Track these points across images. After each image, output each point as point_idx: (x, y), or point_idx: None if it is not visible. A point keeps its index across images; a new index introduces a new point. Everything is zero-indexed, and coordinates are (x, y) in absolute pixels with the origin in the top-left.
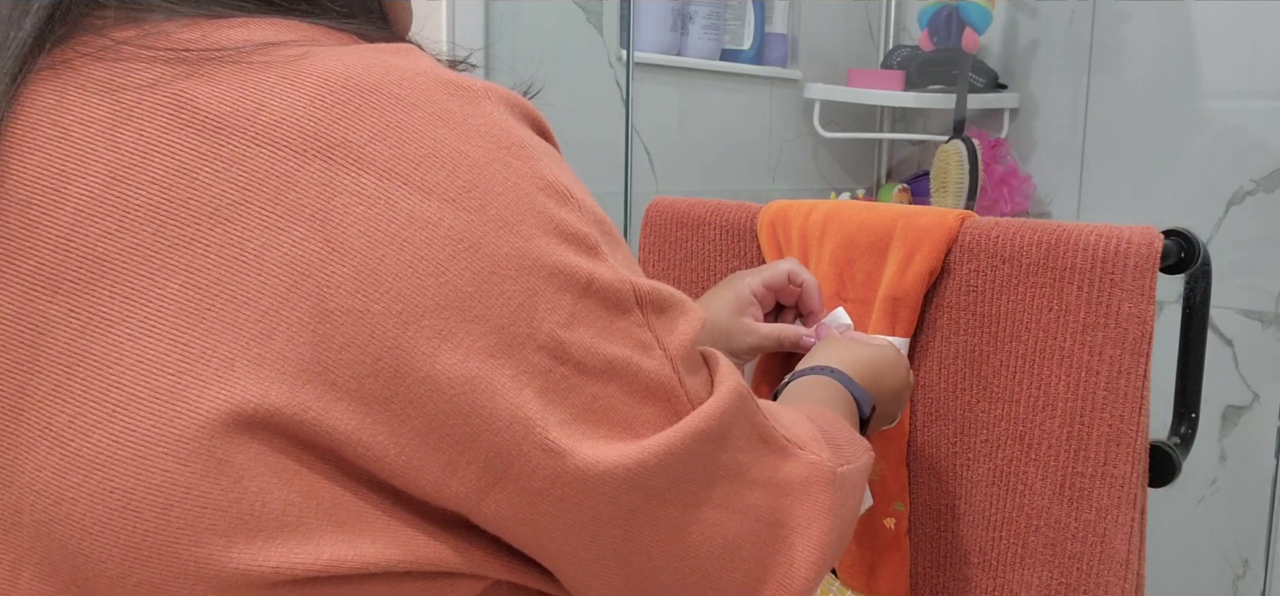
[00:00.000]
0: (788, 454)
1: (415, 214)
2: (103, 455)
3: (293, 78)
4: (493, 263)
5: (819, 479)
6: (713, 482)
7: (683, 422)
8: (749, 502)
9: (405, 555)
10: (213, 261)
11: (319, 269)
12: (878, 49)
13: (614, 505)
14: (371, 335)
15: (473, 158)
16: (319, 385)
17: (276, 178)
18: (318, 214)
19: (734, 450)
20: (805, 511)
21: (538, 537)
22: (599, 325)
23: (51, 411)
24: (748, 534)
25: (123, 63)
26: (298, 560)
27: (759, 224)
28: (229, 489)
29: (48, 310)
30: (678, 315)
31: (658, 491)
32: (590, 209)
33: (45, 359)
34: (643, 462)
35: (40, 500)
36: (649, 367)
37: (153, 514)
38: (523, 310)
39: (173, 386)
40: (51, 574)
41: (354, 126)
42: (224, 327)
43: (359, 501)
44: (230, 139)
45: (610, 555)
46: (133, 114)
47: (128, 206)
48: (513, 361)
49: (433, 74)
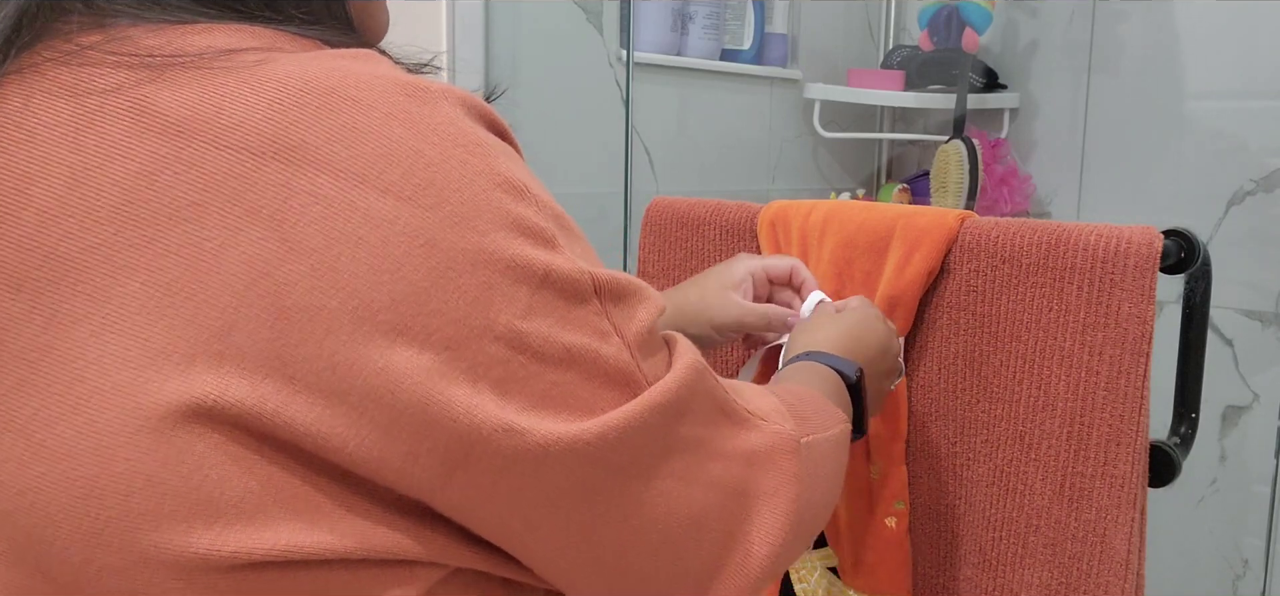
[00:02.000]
0: (749, 425)
1: (371, 212)
2: (66, 446)
3: (252, 82)
4: (449, 258)
5: (783, 447)
6: (673, 455)
7: (640, 397)
8: (712, 474)
9: (363, 543)
10: (173, 261)
11: (276, 267)
12: (878, 49)
13: (576, 480)
14: (328, 331)
15: (428, 156)
16: (278, 379)
17: (235, 179)
18: (275, 214)
19: (693, 423)
20: (769, 480)
21: (501, 519)
22: (556, 315)
23: (15, 405)
24: (712, 505)
25: (87, 68)
26: (255, 545)
27: (759, 224)
28: (189, 477)
29: (10, 308)
30: (635, 302)
31: (618, 465)
32: (546, 203)
33: (8, 355)
34: (603, 435)
35: (5, 491)
36: (607, 354)
37: (115, 501)
38: (479, 303)
39: (134, 380)
40: (17, 562)
41: (311, 128)
42: (185, 324)
43: (317, 492)
44: (191, 142)
45: (575, 532)
46: (95, 118)
47: (89, 207)
48: (470, 353)
49: (389, 77)
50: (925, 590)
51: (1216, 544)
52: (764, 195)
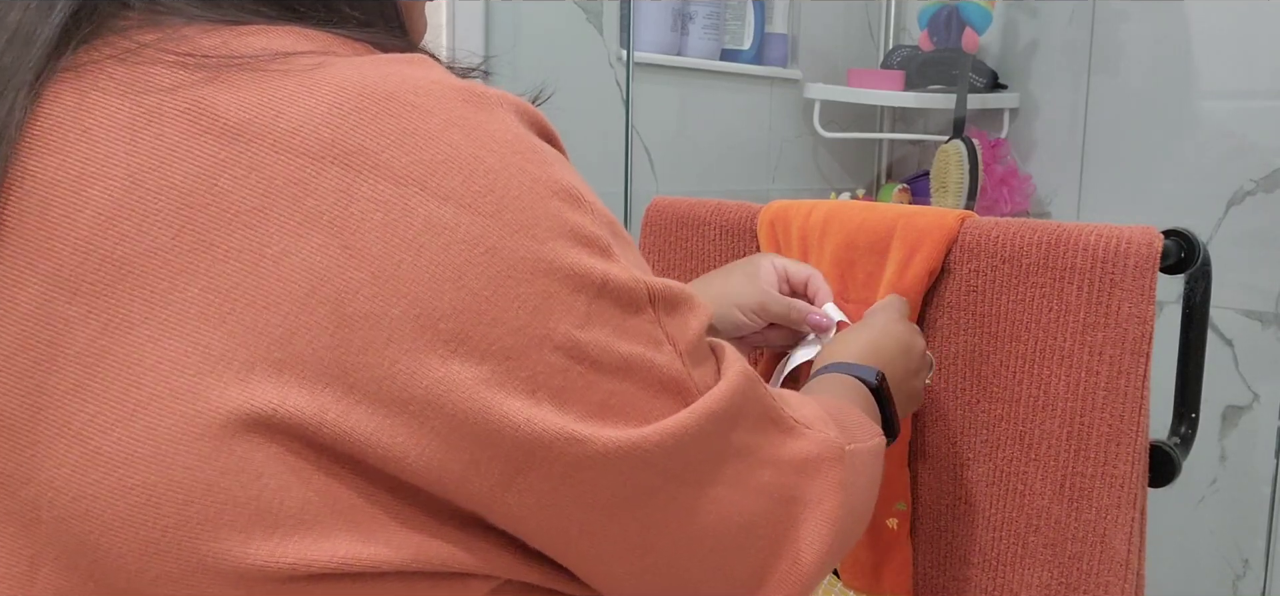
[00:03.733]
0: (796, 433)
1: (432, 219)
2: (123, 452)
3: (310, 86)
4: (509, 266)
5: (828, 455)
6: (725, 462)
7: (696, 404)
8: (762, 481)
9: (417, 556)
10: (233, 266)
11: (337, 274)
12: (878, 49)
13: (634, 486)
14: (389, 339)
15: (488, 163)
16: (338, 389)
17: (295, 184)
18: (336, 219)
19: (744, 430)
20: (816, 487)
21: (558, 527)
22: (613, 324)
23: (72, 410)
24: (761, 511)
25: (144, 66)
26: (313, 557)
27: (759, 224)
28: (248, 485)
29: (66, 311)
30: (687, 311)
31: (673, 472)
32: (601, 211)
33: (64, 358)
34: (661, 442)
35: (60, 497)
36: (661, 363)
37: (172, 509)
38: (539, 312)
39: (193, 387)
40: (70, 569)
41: (371, 133)
42: (244, 331)
43: (373, 504)
44: (249, 145)
45: (631, 539)
46: (153, 118)
47: (148, 210)
48: (530, 363)
49: (447, 82)
50: (925, 589)
51: (1216, 544)
52: (764, 195)
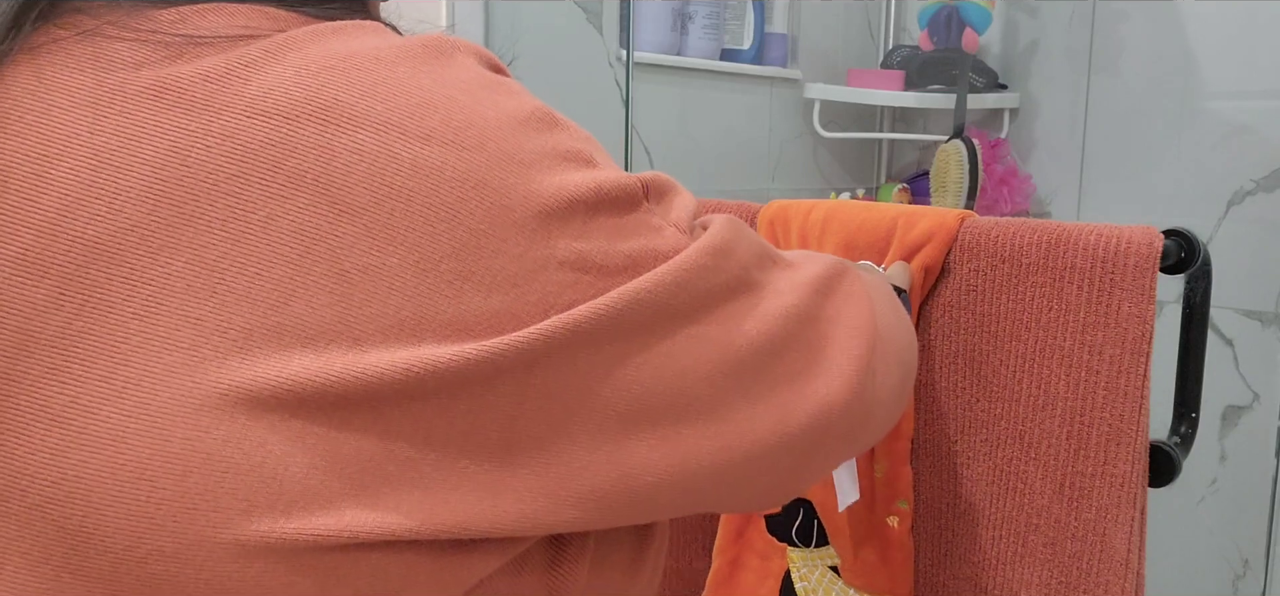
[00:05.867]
0: (798, 265)
1: (418, 162)
2: (112, 431)
3: (274, 55)
4: (501, 196)
5: (837, 268)
6: (734, 294)
7: (687, 248)
8: (778, 306)
9: (427, 522)
10: (217, 236)
11: (329, 231)
12: (878, 49)
13: (649, 332)
14: (392, 287)
15: (461, 102)
16: (345, 342)
17: (272, 146)
18: (320, 177)
19: (743, 264)
20: (836, 297)
21: (596, 387)
22: (612, 225)
23: (47, 394)
24: (787, 332)
25: (105, 43)
26: (318, 527)
27: (759, 224)
28: (251, 454)
29: (34, 294)
30: (676, 194)
31: (682, 310)
32: (577, 128)
33: (35, 343)
34: (659, 281)
35: (35, 483)
36: (664, 247)
37: (169, 482)
38: (538, 234)
39: (188, 360)
40: (41, 561)
41: (342, 87)
42: (237, 300)
43: (384, 462)
44: (220, 114)
45: (668, 379)
46: (116, 95)
47: (117, 189)
48: (538, 284)
49: (404, 40)
50: (925, 589)
51: (1216, 544)
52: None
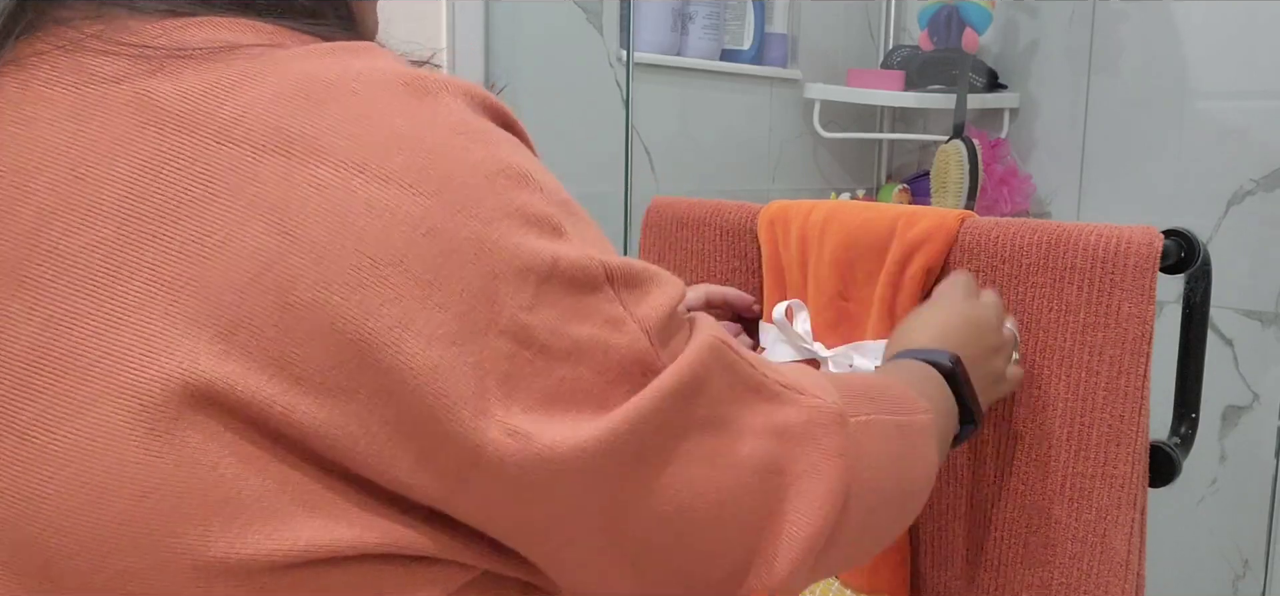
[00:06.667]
0: (782, 400)
1: (372, 201)
2: (73, 449)
3: (253, 76)
4: (451, 246)
5: (821, 420)
6: (690, 437)
7: (651, 384)
8: (740, 455)
9: (384, 539)
10: (177, 256)
11: (279, 261)
12: (878, 49)
13: (591, 481)
14: (333, 326)
15: (428, 144)
16: (285, 379)
17: (236, 173)
18: (277, 206)
19: (713, 402)
20: (809, 455)
21: (520, 527)
22: (564, 306)
23: (16, 409)
24: (741, 486)
25: (88, 57)
26: (274, 545)
27: (759, 224)
28: (205, 476)
29: (10, 306)
30: (653, 286)
31: (634, 456)
32: (553, 190)
33: (7, 355)
34: (614, 430)
35: (4, 497)
36: (621, 344)
37: (128, 502)
38: (483, 295)
39: (141, 379)
40: (20, 573)
41: (311, 120)
42: (188, 321)
43: (332, 492)
44: (192, 136)
45: (599, 534)
46: (97, 109)
47: (92, 203)
48: (475, 348)
49: (391, 70)
50: (926, 589)
51: (1216, 544)
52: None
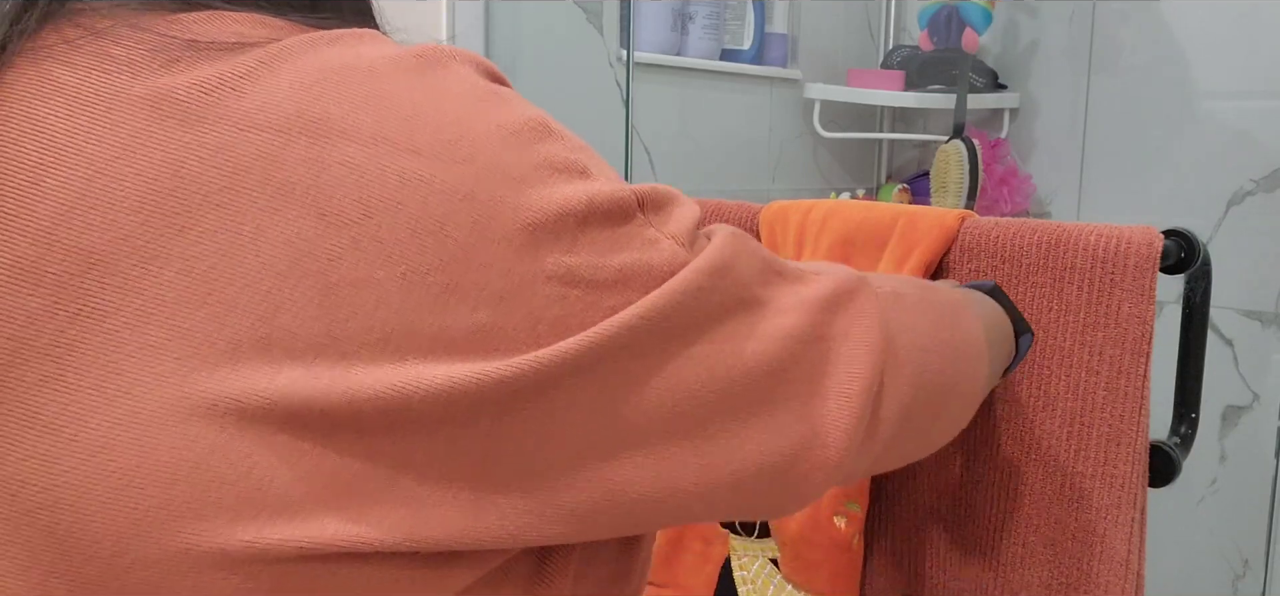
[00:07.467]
0: (807, 279)
1: (406, 174)
2: (102, 439)
3: (268, 65)
4: (490, 208)
5: (847, 287)
6: (732, 313)
7: (688, 266)
8: (782, 326)
9: (409, 536)
10: (208, 247)
11: (317, 244)
12: (878, 49)
13: (638, 362)
14: (378, 301)
15: (453, 113)
16: (332, 356)
17: (263, 159)
18: (309, 190)
19: (744, 283)
20: (841, 320)
21: (586, 432)
22: (603, 240)
23: (41, 402)
24: (789, 355)
25: (100, 52)
26: (301, 537)
27: (759, 224)
28: (237, 464)
29: (30, 303)
30: (674, 205)
31: (678, 331)
32: (572, 137)
33: (30, 351)
34: (654, 307)
35: (25, 489)
36: (659, 261)
37: (156, 491)
38: (527, 248)
39: (177, 370)
40: (29, 566)
41: (333, 102)
42: (226, 311)
43: (367, 479)
44: (213, 127)
45: (657, 422)
46: (112, 105)
47: (112, 199)
48: (524, 300)
49: (399, 50)
50: (926, 590)
51: (1216, 544)
52: (764, 195)
